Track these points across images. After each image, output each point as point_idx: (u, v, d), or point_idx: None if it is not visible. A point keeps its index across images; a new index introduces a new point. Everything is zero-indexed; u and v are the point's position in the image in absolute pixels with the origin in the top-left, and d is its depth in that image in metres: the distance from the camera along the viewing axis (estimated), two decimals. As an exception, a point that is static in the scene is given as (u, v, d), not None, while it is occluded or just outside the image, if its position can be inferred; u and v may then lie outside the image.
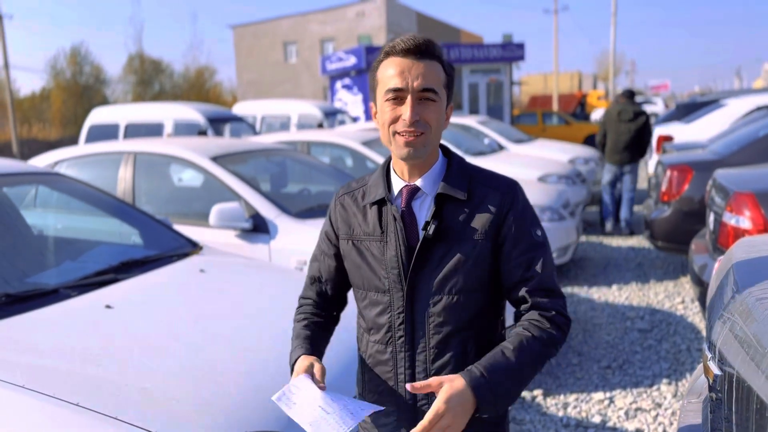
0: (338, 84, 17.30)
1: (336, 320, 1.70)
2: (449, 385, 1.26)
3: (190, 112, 10.94)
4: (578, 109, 32.21)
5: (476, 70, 16.82)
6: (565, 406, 3.54)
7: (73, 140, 24.36)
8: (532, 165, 7.95)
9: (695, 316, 4.86)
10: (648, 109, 27.70)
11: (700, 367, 2.36)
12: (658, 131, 9.68)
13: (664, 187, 5.58)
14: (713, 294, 1.85)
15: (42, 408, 1.73)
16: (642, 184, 12.08)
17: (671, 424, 3.31)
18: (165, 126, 10.95)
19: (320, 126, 13.61)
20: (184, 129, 10.76)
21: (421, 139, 1.37)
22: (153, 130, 10.86)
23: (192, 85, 45.66)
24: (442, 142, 1.49)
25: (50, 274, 2.73)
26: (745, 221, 3.35)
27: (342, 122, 14.10)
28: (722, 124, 8.80)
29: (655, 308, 5.12)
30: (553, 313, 1.40)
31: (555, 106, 32.68)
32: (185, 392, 1.88)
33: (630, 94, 7.85)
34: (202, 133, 10.72)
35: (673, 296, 5.40)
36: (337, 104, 16.74)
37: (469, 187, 1.43)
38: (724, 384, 1.40)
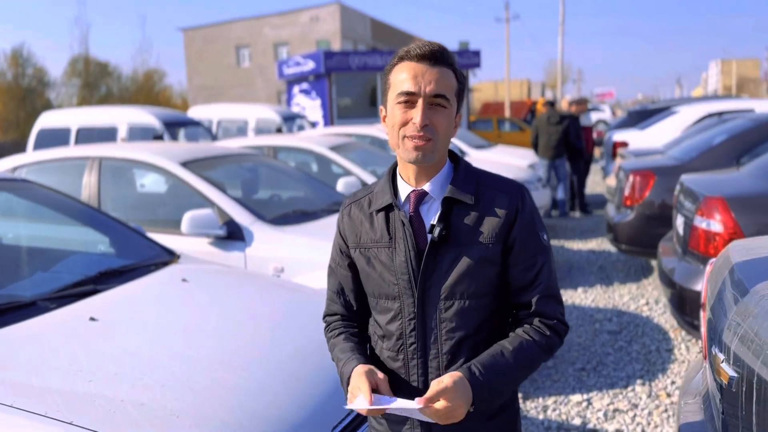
0: (296, 89, 17.15)
1: (366, 331, 1.64)
2: (453, 374, 1.31)
3: (145, 116, 10.66)
4: (529, 116, 32.85)
5: (434, 76, 16.89)
6: (545, 408, 3.57)
7: (15, 145, 23.42)
8: (493, 171, 8.03)
9: (660, 318, 4.99)
10: (596, 116, 28.45)
11: (691, 368, 2.41)
12: (614, 137, 9.94)
13: (626, 192, 5.73)
14: (713, 297, 1.89)
15: (34, 428, 1.64)
16: (596, 188, 12.39)
17: (649, 424, 3.38)
18: (119, 130, 10.64)
19: (279, 131, 13.48)
20: (138, 133, 10.48)
21: (430, 145, 1.37)
22: (106, 134, 10.53)
23: (140, 88, 44.61)
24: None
25: (23, 286, 2.60)
26: (715, 224, 3.45)
27: (301, 127, 13.99)
28: (675, 131, 9.10)
29: (622, 310, 5.23)
30: (555, 321, 1.44)
31: (507, 113, 33.24)
32: (184, 407, 1.81)
33: (551, 103, 9.76)
34: (158, 137, 10.48)
35: (638, 298, 5.53)
36: (295, 109, 16.59)
37: (477, 191, 1.43)
38: (742, 385, 1.43)
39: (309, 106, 16.35)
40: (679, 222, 4.10)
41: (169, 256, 3.06)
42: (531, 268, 1.42)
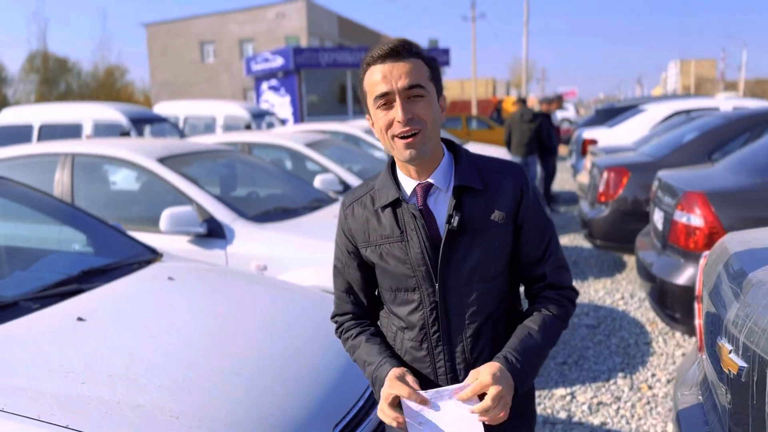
0: (264, 85, 16.98)
1: (377, 326, 1.66)
2: (490, 366, 1.34)
3: (111, 113, 10.42)
4: (495, 114, 33.16)
5: (404, 73, 16.92)
6: (530, 403, 3.59)
7: (-29, 142, 22.64)
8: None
9: (636, 312, 5.08)
10: (561, 114, 28.85)
11: (685, 361, 2.44)
12: (584, 135, 10.09)
13: (601, 188, 5.81)
14: (711, 289, 1.91)
15: (28, 433, 1.57)
16: (565, 185, 12.57)
17: (633, 416, 3.42)
18: (84, 127, 10.38)
19: (248, 128, 13.31)
20: (104, 130, 10.24)
21: (420, 137, 1.37)
22: (70, 131, 10.26)
23: (101, 84, 43.71)
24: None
25: (3, 286, 2.50)
26: (696, 219, 3.52)
27: (271, 124, 13.85)
28: (643, 129, 9.28)
29: (598, 304, 5.31)
30: (567, 289, 1.51)
31: (474, 111, 33.49)
32: (184, 408, 1.75)
33: (523, 101, 9.92)
34: (125, 134, 10.25)
35: (613, 293, 5.62)
36: (264, 106, 16.43)
37: (482, 176, 1.45)
38: (752, 375, 1.44)
39: (278, 102, 16.20)
40: (658, 217, 4.17)
41: (151, 255, 2.98)
42: (541, 242, 1.48)
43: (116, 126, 10.19)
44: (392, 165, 1.51)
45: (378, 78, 1.36)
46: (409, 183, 1.46)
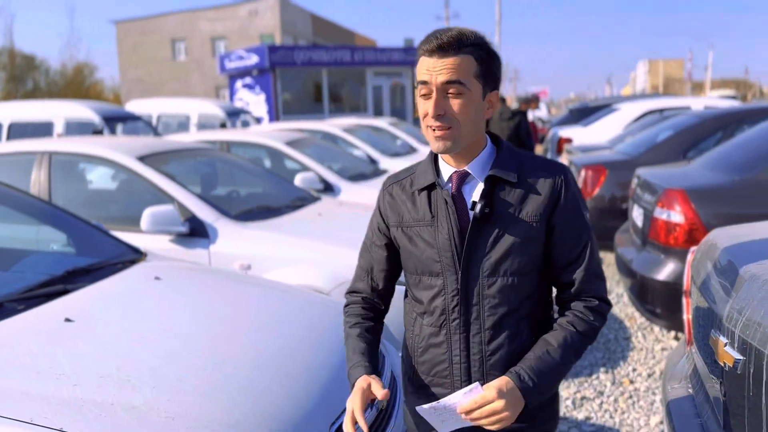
0: (238, 83, 16.82)
1: (385, 313, 1.69)
2: (500, 381, 1.35)
3: (83, 110, 10.23)
4: (470, 112, 33.29)
5: (380, 73, 16.98)
6: (515, 399, 3.62)
7: (-65, 141, 22.01)
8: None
9: (615, 307, 5.15)
10: (532, 113, 29.15)
11: (672, 354, 2.49)
12: (559, 134, 10.20)
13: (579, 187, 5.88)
14: (700, 284, 1.95)
15: (21, 437, 1.53)
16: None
17: (616, 410, 3.47)
18: (55, 125, 10.17)
19: (223, 126, 13.18)
20: (76, 129, 10.05)
21: (450, 133, 1.38)
22: (41, 129, 10.06)
23: (70, 82, 42.88)
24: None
25: (-17, 287, 2.43)
26: (676, 215, 3.58)
27: (246, 123, 13.74)
28: (616, 128, 9.43)
29: (578, 301, 5.37)
30: (597, 302, 1.47)
31: (448, 110, 33.63)
32: (179, 408, 1.73)
33: (502, 100, 10.01)
34: (98, 132, 10.07)
35: (591, 289, 5.69)
36: (238, 104, 16.27)
37: (520, 171, 1.45)
38: (749, 367, 1.47)
39: (253, 101, 16.06)
40: (637, 214, 4.23)
41: (135, 254, 2.93)
42: (575, 247, 1.45)
43: (88, 124, 10.01)
44: None
45: (423, 69, 1.38)
46: (447, 170, 1.48)
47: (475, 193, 1.44)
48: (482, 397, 1.34)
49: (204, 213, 3.84)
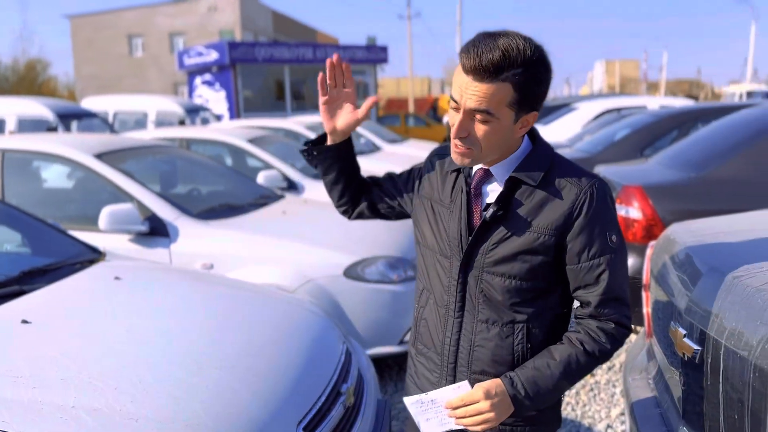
0: (198, 80, 16.56)
1: (364, 186, 1.74)
2: (490, 383, 1.37)
3: (37, 107, 9.95)
4: (431, 112, 33.57)
5: (342, 70, 16.85)
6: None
7: None
8: (409, 164, 8.16)
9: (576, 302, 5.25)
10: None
11: (632, 347, 2.55)
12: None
13: (540, 183, 5.98)
14: (659, 277, 2.00)
15: (-23, 443, 1.48)
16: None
17: (578, 403, 3.54)
18: (6, 122, 9.87)
19: (182, 123, 12.97)
20: (29, 126, 9.77)
21: (470, 153, 1.36)
22: (-8, 126, 9.74)
23: (22, 78, 41.58)
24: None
25: (-66, 289, 2.33)
26: (634, 212, 3.67)
27: (206, 120, 13.54)
28: (576, 126, 9.61)
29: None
30: (612, 325, 1.39)
31: (411, 109, 33.78)
32: (142, 410, 1.69)
33: None
34: (52, 129, 9.80)
35: (552, 285, 5.79)
36: (198, 101, 16.02)
37: (547, 176, 1.38)
38: (707, 357, 1.52)
39: (213, 98, 15.84)
40: (596, 210, 4.32)
41: (94, 254, 2.86)
42: (593, 268, 1.36)
43: (42, 121, 9.74)
44: None
45: (456, 83, 1.31)
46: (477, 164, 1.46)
47: (491, 194, 1.43)
48: (469, 396, 1.35)
49: (164, 211, 3.77)
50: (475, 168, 1.47)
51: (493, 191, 1.44)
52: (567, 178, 1.38)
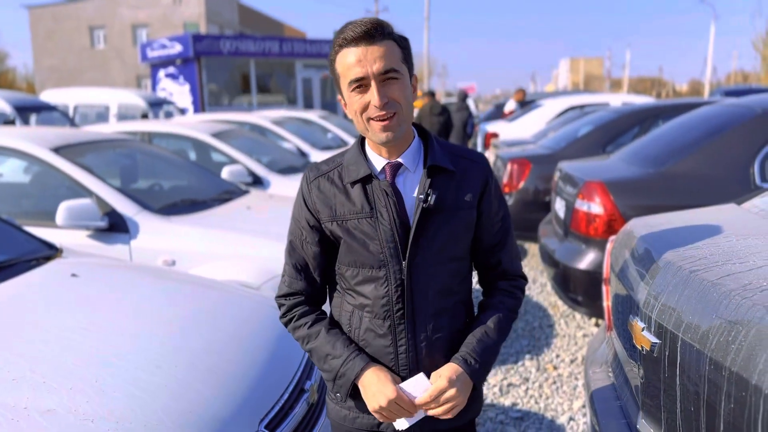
0: (161, 73, 16.25)
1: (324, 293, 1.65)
2: (449, 369, 1.42)
3: (-8, 100, 9.63)
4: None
5: (309, 65, 16.81)
6: (445, 388, 3.67)
7: None
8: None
9: (539, 296, 5.32)
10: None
11: (593, 340, 2.58)
12: (486, 128, 10.42)
13: (505, 180, 6.02)
14: (619, 271, 2.03)
15: None
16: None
17: (541, 396, 3.59)
18: (-40, 115, 9.53)
19: (144, 117, 12.73)
20: (-16, 119, 9.46)
21: (396, 120, 1.39)
22: (-56, 119, 9.40)
23: (-23, 70, 40.26)
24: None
25: None
26: (596, 207, 3.72)
27: (169, 114, 13.31)
28: (540, 123, 9.71)
29: (504, 291, 5.50)
30: (519, 279, 1.61)
31: (378, 103, 33.75)
32: (99, 410, 1.65)
33: (432, 94, 10.39)
34: (9, 123, 9.52)
35: (517, 279, 5.84)
36: (161, 94, 15.73)
37: (452, 161, 1.49)
38: (664, 350, 1.55)
39: (177, 91, 15.56)
40: (559, 205, 4.37)
41: (50, 251, 2.78)
42: (500, 230, 1.55)
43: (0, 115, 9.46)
44: (361, 142, 1.51)
45: (352, 61, 1.35)
46: (378, 161, 1.47)
47: (421, 184, 1.44)
48: (436, 389, 1.39)
49: (124, 207, 3.69)
50: (379, 166, 1.47)
51: (406, 184, 1.47)
52: (467, 159, 1.52)
